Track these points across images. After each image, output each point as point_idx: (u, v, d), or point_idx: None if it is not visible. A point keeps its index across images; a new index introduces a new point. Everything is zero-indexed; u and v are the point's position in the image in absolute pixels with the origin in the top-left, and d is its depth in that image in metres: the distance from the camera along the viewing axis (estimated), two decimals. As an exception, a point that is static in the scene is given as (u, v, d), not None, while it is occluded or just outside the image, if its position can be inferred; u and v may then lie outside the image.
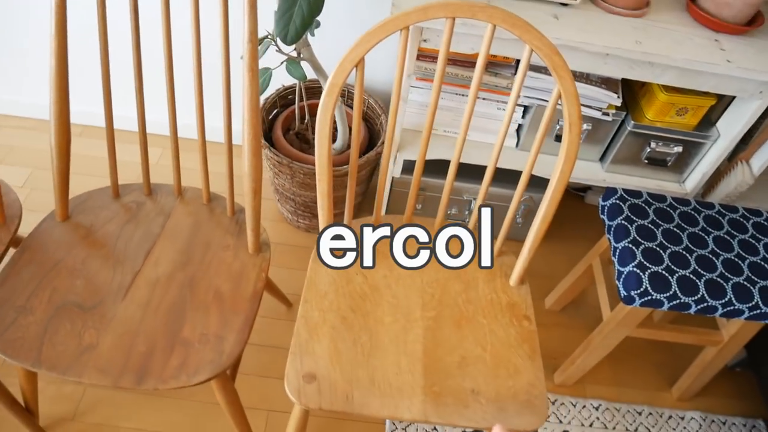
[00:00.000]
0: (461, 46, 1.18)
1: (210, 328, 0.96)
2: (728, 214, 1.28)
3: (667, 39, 1.20)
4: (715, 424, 1.48)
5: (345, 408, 0.88)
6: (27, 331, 0.91)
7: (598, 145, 1.48)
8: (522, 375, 0.96)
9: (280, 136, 1.54)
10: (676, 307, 1.14)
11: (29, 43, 1.73)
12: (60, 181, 1.04)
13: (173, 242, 1.08)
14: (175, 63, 1.68)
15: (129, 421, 1.30)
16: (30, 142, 1.86)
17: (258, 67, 0.91)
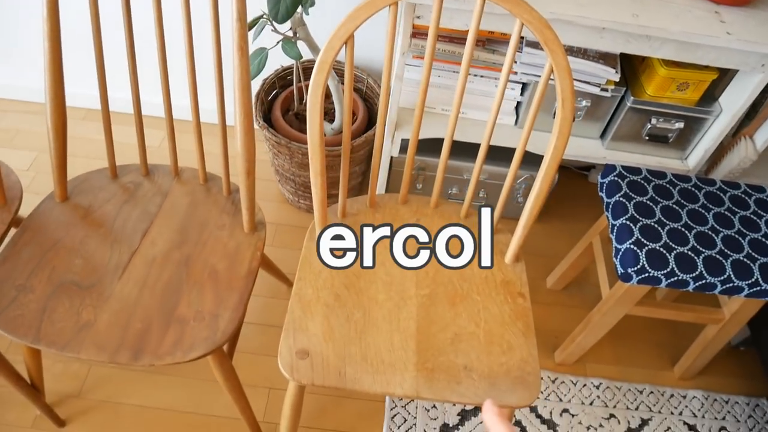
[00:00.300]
0: (454, 23, 1.17)
1: (205, 305, 0.97)
2: (730, 191, 1.26)
3: (665, 11, 1.17)
4: (718, 402, 1.48)
5: (337, 384, 0.89)
6: (27, 308, 0.93)
7: (598, 122, 1.46)
8: (515, 351, 0.96)
9: (279, 117, 1.54)
10: (674, 284, 1.13)
11: (33, 29, 1.74)
12: (58, 162, 1.05)
13: (170, 222, 1.09)
14: (169, 45, 1.68)
15: (132, 398, 1.33)
16: (35, 126, 1.88)
17: (248, 47, 0.91)
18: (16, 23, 1.73)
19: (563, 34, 1.18)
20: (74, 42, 1.74)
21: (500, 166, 1.62)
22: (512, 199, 1.72)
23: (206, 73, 1.78)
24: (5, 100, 1.95)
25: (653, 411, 1.45)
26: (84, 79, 1.87)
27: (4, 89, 1.93)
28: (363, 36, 1.67)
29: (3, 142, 1.83)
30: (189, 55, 0.99)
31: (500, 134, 1.48)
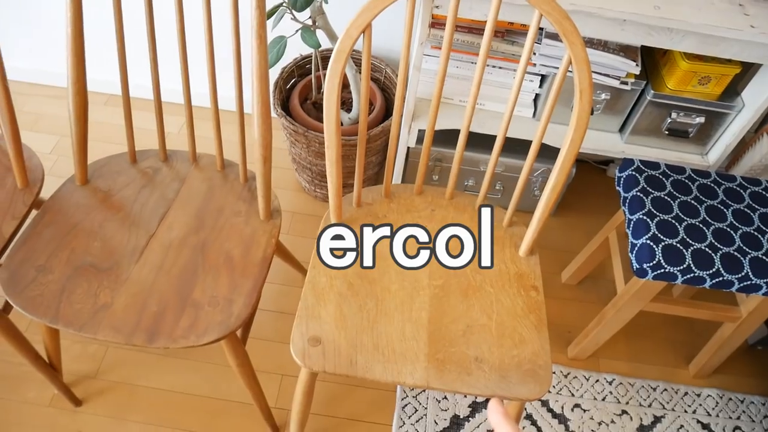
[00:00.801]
0: (474, 13, 1.16)
1: (220, 290, 0.98)
2: (750, 187, 1.24)
3: (688, 3, 1.15)
4: (733, 402, 1.47)
5: (348, 371, 0.90)
6: (46, 289, 0.95)
7: (618, 115, 1.45)
8: (527, 344, 0.96)
9: (297, 105, 1.54)
10: (691, 281, 1.12)
11: (56, 15, 1.76)
12: (79, 145, 1.07)
13: (187, 207, 1.10)
14: (189, 32, 1.69)
15: (147, 380, 1.35)
16: (58, 110, 1.91)
17: (266, 34, 0.91)
18: (38, 10, 1.75)
19: (583, 26, 1.17)
20: (97, 28, 1.76)
21: (518, 158, 1.61)
22: (529, 193, 1.71)
23: (225, 61, 1.79)
24: (29, 84, 1.98)
25: (666, 408, 1.44)
26: (106, 64, 1.89)
27: (28, 73, 1.96)
28: (382, 25, 1.66)
29: (26, 125, 1.86)
30: (208, 42, 1.00)
31: (518, 126, 1.48)
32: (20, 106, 1.90)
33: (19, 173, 1.07)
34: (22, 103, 1.92)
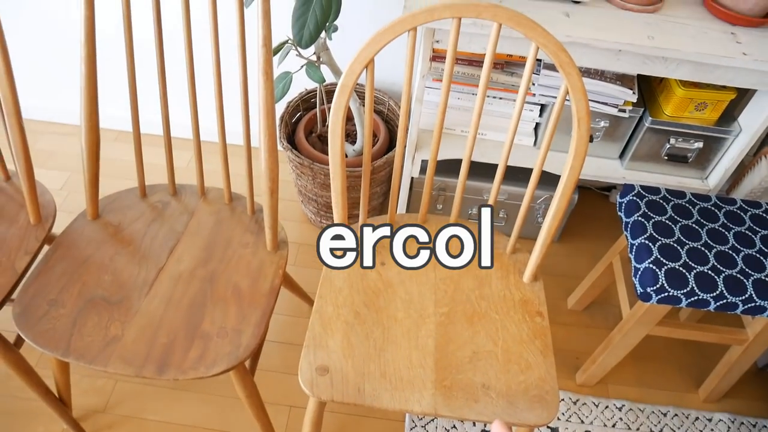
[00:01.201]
0: (473, 46, 1.20)
1: (228, 322, 1.00)
2: (750, 210, 1.26)
3: (681, 33, 1.19)
4: (745, 426, 1.45)
5: (356, 400, 0.91)
6: (58, 322, 0.96)
7: (617, 142, 1.47)
8: (533, 370, 0.96)
9: (302, 138, 1.58)
10: (695, 303, 1.13)
11: (69, 54, 1.82)
12: (90, 181, 1.10)
13: (196, 240, 1.12)
14: (198, 69, 1.74)
15: (156, 414, 1.36)
16: (69, 147, 1.95)
17: (272, 71, 0.95)
18: (52, 49, 1.81)
19: (580, 57, 1.20)
20: (106, 65, 1.82)
21: (520, 186, 1.63)
22: (533, 220, 1.73)
23: (233, 97, 1.84)
24: (40, 122, 2.03)
25: (677, 434, 1.42)
26: (116, 101, 1.94)
27: (39, 111, 2.01)
28: (385, 59, 1.71)
29: (38, 162, 1.90)
30: (216, 79, 1.03)
31: (519, 155, 1.50)
32: (32, 144, 1.95)
33: (33, 210, 1.10)
34: (34, 140, 1.96)
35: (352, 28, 1.63)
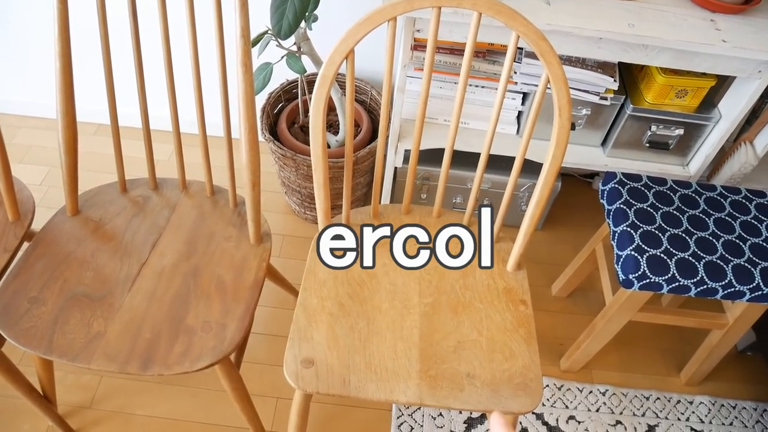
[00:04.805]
0: (454, 35, 1.20)
1: (212, 315, 0.99)
2: (730, 196, 1.27)
3: (661, 21, 1.19)
4: (725, 408, 1.48)
5: (342, 391, 0.91)
6: (39, 320, 0.95)
7: (599, 130, 1.48)
8: (517, 358, 0.97)
9: (285, 130, 1.56)
10: (676, 289, 1.14)
11: (45, 48, 1.78)
12: (69, 176, 1.08)
13: (178, 234, 1.11)
14: (176, 61, 1.72)
15: (142, 408, 1.35)
16: (47, 141, 1.92)
17: (251, 63, 0.93)
18: (27, 43, 1.77)
19: (560, 45, 1.20)
20: (84, 59, 1.78)
21: (504, 175, 1.64)
22: (516, 208, 1.73)
23: (212, 88, 1.82)
24: (18, 116, 1.99)
25: (660, 417, 1.45)
26: (94, 94, 1.91)
27: (17, 106, 1.97)
28: (367, 48, 1.70)
29: (16, 157, 1.87)
30: (195, 70, 1.02)
31: (502, 143, 1.50)
32: (9, 139, 1.92)
33: (11, 206, 1.08)
34: (11, 135, 1.93)
35: (333, 17, 1.62)
